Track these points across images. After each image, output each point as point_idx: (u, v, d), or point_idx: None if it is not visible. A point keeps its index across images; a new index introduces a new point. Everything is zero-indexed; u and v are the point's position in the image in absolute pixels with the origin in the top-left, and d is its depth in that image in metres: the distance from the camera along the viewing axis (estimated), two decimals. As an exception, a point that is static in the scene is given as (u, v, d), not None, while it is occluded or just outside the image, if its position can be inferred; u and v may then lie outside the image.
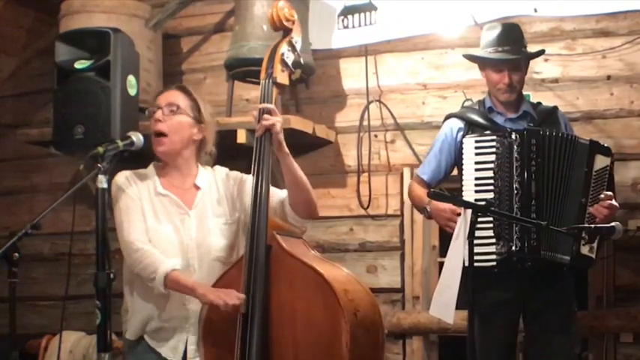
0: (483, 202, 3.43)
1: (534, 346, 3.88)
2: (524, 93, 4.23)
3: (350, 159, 5.12)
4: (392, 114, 5.04)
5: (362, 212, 5.04)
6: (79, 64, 4.69)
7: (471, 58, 4.17)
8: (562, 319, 3.82)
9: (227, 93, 5.03)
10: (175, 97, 3.39)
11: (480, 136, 3.87)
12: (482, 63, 4.04)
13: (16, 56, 5.84)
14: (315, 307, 2.99)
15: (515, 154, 3.77)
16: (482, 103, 4.08)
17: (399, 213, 4.99)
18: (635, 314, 4.44)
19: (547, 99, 4.63)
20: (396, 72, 5.08)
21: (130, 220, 3.28)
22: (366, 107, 5.07)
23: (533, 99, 4.47)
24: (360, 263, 5.01)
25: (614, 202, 3.76)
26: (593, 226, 3.65)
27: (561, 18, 4.73)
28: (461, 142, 3.90)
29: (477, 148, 3.84)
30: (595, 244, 3.74)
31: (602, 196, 3.75)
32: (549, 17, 4.72)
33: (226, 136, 4.46)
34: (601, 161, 3.82)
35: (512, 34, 4.01)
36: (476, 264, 3.62)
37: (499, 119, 4.00)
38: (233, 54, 4.87)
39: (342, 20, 5.04)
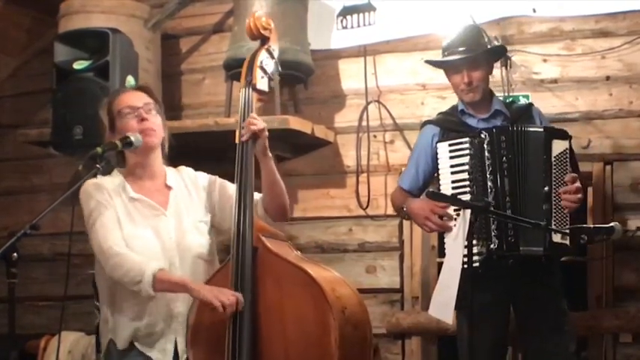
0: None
1: (529, 347, 3.89)
2: (524, 94, 4.22)
3: (349, 159, 5.12)
4: (391, 114, 5.04)
5: (361, 212, 5.03)
6: (78, 65, 4.69)
7: (431, 64, 4.22)
8: (553, 318, 3.82)
9: (226, 93, 5.03)
10: (146, 97, 3.33)
11: (453, 139, 3.88)
12: (444, 69, 4.07)
13: (15, 56, 5.84)
14: (303, 306, 3.00)
15: (487, 153, 3.79)
16: (455, 107, 4.09)
17: (398, 213, 4.99)
18: (635, 314, 4.44)
19: (546, 99, 4.64)
20: (395, 72, 5.07)
21: (104, 226, 3.18)
22: (365, 107, 5.06)
23: (533, 99, 4.48)
24: (360, 263, 5.01)
25: (578, 184, 3.76)
26: (592, 226, 3.64)
27: (561, 18, 4.73)
28: (436, 148, 3.92)
29: (450, 151, 3.85)
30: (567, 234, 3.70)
31: (567, 178, 3.75)
32: (548, 17, 4.72)
33: (225, 137, 4.45)
34: (559, 146, 3.80)
35: (465, 36, 4.04)
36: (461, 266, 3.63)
37: (472, 121, 4.00)
38: (232, 54, 4.86)
39: (341, 20, 5.04)
